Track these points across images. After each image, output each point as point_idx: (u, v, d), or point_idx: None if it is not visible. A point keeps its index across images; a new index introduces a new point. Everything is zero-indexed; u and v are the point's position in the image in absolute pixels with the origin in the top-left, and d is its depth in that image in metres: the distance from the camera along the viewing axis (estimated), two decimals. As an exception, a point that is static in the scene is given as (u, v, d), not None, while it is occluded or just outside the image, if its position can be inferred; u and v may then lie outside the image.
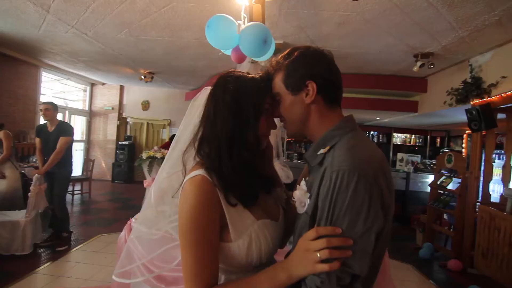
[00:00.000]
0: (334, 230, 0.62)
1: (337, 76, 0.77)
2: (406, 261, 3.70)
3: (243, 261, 0.75)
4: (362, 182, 0.61)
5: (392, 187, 0.69)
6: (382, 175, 0.65)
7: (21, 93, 5.64)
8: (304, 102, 0.74)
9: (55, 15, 3.42)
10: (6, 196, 3.42)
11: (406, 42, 3.52)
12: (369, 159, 0.66)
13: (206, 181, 0.72)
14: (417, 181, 5.49)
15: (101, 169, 8.07)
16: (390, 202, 0.67)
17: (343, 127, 0.74)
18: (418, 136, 8.11)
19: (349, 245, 0.61)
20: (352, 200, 0.61)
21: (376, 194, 0.62)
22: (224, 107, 0.76)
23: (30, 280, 2.70)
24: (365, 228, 0.61)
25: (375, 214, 0.62)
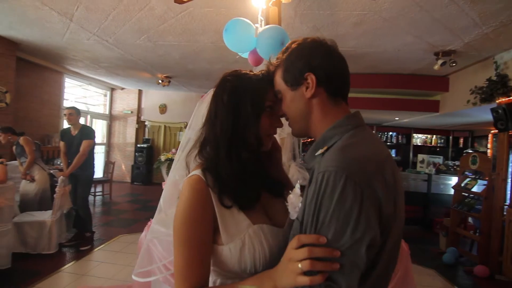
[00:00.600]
0: (318, 239, 0.54)
1: (340, 66, 0.70)
2: (429, 266, 3.58)
3: (235, 267, 0.71)
4: (350, 185, 0.53)
5: (397, 193, 0.60)
6: (380, 178, 0.57)
7: (46, 99, 5.91)
8: (304, 96, 0.68)
9: (78, 23, 3.57)
10: (36, 197, 3.59)
11: (426, 40, 3.42)
12: (363, 158, 0.58)
13: (200, 181, 0.71)
14: (439, 183, 5.31)
15: (121, 171, 8.30)
16: (392, 211, 0.58)
17: (344, 125, 0.66)
18: (439, 136, 7.82)
19: (335, 257, 0.53)
20: (338, 205, 0.53)
21: (368, 200, 0.54)
22: (223, 107, 0.75)
23: (56, 278, 2.81)
24: (354, 239, 0.53)
25: (367, 223, 0.53)
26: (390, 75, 4.87)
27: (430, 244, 4.43)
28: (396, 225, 0.60)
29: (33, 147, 3.62)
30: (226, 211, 0.72)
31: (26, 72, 5.30)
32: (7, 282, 2.64)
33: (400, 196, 0.61)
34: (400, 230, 0.63)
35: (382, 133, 7.95)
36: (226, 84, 0.77)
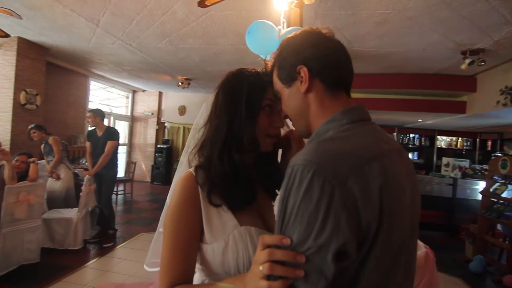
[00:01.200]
0: (281, 240, 0.49)
1: (335, 54, 0.63)
2: (455, 274, 3.44)
3: (219, 268, 0.69)
4: (318, 181, 0.47)
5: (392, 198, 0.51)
6: (360, 177, 0.48)
7: (72, 101, 6.18)
8: (300, 92, 0.63)
9: (103, 28, 3.71)
10: (62, 194, 3.75)
11: (452, 38, 3.29)
12: (340, 153, 0.51)
13: (190, 178, 0.71)
14: (466, 188, 5.08)
15: (141, 171, 8.53)
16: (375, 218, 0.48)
17: (339, 119, 0.59)
18: (465, 139, 7.49)
19: (300, 263, 0.47)
20: (303, 204, 0.47)
21: (340, 201, 0.46)
22: (220, 105, 0.74)
23: (82, 273, 2.93)
24: (320, 243, 0.46)
25: (335, 227, 0.46)
26: (413, 75, 4.72)
27: (455, 251, 4.25)
28: (390, 236, 0.50)
29: (61, 147, 3.78)
30: (213, 209, 0.70)
31: (54, 76, 5.56)
32: (37, 276, 2.78)
33: (396, 201, 0.52)
34: (400, 243, 0.53)
35: (404, 135, 7.71)
36: (224, 83, 0.76)
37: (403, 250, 0.55)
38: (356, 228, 0.47)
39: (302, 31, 0.67)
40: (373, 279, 0.50)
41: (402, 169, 0.57)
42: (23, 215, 2.77)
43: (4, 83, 4.29)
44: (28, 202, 2.79)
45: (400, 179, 0.55)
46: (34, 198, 2.85)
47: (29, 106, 4.46)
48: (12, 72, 4.27)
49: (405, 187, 0.56)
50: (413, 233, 0.60)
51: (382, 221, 0.49)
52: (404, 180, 0.56)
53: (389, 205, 0.50)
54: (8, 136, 4.23)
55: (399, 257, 0.54)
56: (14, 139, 4.27)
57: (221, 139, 0.72)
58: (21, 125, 4.39)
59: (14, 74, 4.26)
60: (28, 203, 2.79)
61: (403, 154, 0.61)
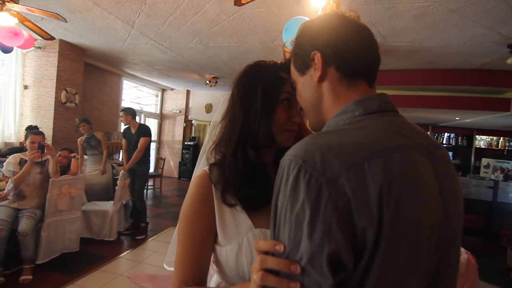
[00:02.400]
0: (274, 246, 0.43)
1: (355, 39, 0.56)
2: (495, 283, 3.23)
3: (233, 272, 0.65)
4: (304, 177, 0.41)
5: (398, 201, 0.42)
6: (356, 175, 0.41)
7: (106, 99, 6.48)
8: (313, 80, 0.57)
9: (138, 29, 3.84)
10: (105, 187, 3.98)
11: (498, 30, 3.05)
12: (333, 146, 0.44)
13: (204, 176, 0.69)
14: (508, 191, 4.74)
15: (169, 167, 8.79)
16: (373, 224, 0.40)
17: (351, 111, 0.52)
18: (507, 138, 6.96)
19: (295, 274, 0.41)
20: (289, 203, 0.42)
21: (330, 202, 0.40)
22: (236, 99, 0.70)
23: (117, 263, 3.07)
24: (311, 251, 0.40)
25: (327, 230, 0.39)
26: (452, 71, 4.45)
27: (495, 259, 3.98)
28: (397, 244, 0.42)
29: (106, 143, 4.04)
30: (227, 209, 0.67)
31: (90, 75, 5.86)
32: (77, 264, 2.95)
33: (406, 204, 0.43)
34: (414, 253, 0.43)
35: (438, 134, 7.31)
36: (241, 76, 0.73)
37: (420, 266, 0.44)
38: (349, 234, 0.40)
39: (322, 15, 0.61)
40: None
41: (425, 170, 0.47)
42: (65, 207, 2.95)
43: (47, 83, 4.59)
44: (69, 194, 2.97)
45: (418, 180, 0.46)
46: (75, 191, 3.02)
47: (69, 105, 4.74)
48: (54, 73, 4.55)
49: (428, 190, 0.46)
50: (450, 247, 0.50)
51: (382, 228, 0.41)
52: (425, 184, 0.46)
53: (393, 209, 0.41)
54: (51, 132, 4.52)
55: (413, 273, 0.44)
56: (55, 135, 4.56)
57: (236, 135, 0.69)
58: (62, 122, 4.68)
59: (56, 75, 4.54)
60: (69, 195, 2.97)
61: (435, 153, 0.51)
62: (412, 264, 0.43)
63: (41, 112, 4.63)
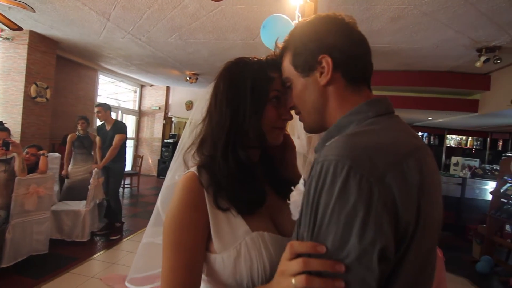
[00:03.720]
0: (315, 248, 0.43)
1: (360, 47, 0.58)
2: (462, 274, 3.40)
3: (230, 279, 0.61)
4: (355, 178, 0.42)
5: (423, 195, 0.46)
6: (398, 174, 0.44)
7: (81, 95, 6.22)
8: (319, 83, 0.57)
9: (114, 22, 3.70)
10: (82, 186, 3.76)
11: (468, 35, 3.21)
12: (375, 147, 0.46)
13: (193, 179, 0.63)
14: (475, 188, 5.00)
15: (148, 165, 8.58)
16: (413, 217, 0.45)
17: (363, 111, 0.54)
18: (476, 138, 7.36)
19: (339, 272, 0.42)
20: (339, 203, 0.42)
21: (381, 200, 0.42)
22: (221, 99, 0.66)
23: (89, 265, 2.96)
24: (362, 248, 0.41)
25: (378, 228, 0.41)
26: (425, 72, 4.63)
27: (462, 251, 4.20)
28: (423, 235, 0.46)
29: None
30: (222, 214, 0.62)
31: (64, 69, 5.60)
32: (45, 266, 2.81)
33: (429, 199, 0.48)
34: (430, 242, 0.49)
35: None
36: (225, 73, 0.69)
37: (433, 250, 0.51)
38: (394, 228, 0.43)
39: (323, 15, 0.59)
40: (405, 281, 0.46)
41: (434, 167, 0.53)
42: (33, 207, 2.79)
43: (15, 76, 4.33)
44: (37, 194, 2.81)
45: (434, 177, 0.51)
46: (43, 190, 2.87)
47: (39, 99, 4.50)
48: (23, 65, 4.30)
49: (438, 185, 0.52)
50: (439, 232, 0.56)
51: (419, 221, 0.45)
52: (436, 178, 0.52)
53: (425, 204, 0.46)
54: (19, 129, 4.28)
55: (429, 258, 0.50)
56: (24, 131, 4.32)
57: (224, 136, 0.64)
58: (31, 117, 4.44)
59: (25, 67, 4.29)
60: (37, 195, 2.82)
61: (430, 152, 0.56)
62: (431, 250, 0.50)
63: (8, 107, 4.36)
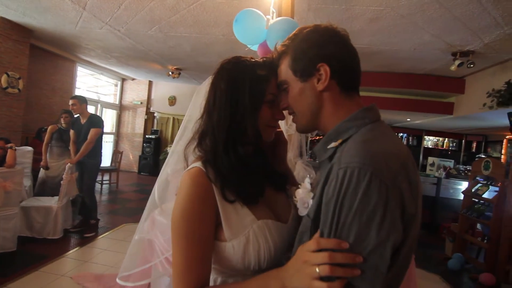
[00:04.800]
0: (340, 244, 0.51)
1: (354, 58, 0.65)
2: (434, 271, 3.51)
3: (239, 265, 0.67)
4: (376, 183, 0.49)
5: (418, 193, 0.56)
6: (405, 177, 0.53)
7: (58, 87, 5.98)
8: (315, 89, 0.63)
9: (90, 12, 3.57)
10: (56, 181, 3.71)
11: (444, 39, 3.30)
12: (388, 155, 0.53)
13: (201, 174, 0.68)
14: (449, 188, 5.18)
15: (129, 161, 8.39)
16: (414, 211, 0.54)
17: (362, 118, 0.61)
18: (451, 140, 7.64)
19: (358, 263, 0.50)
20: (362, 205, 0.50)
21: (394, 200, 0.50)
22: (221, 97, 0.71)
23: (60, 263, 2.85)
24: (378, 241, 0.49)
25: (392, 224, 0.50)
26: (404, 74, 4.76)
27: (436, 249, 4.34)
28: (415, 226, 0.55)
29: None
30: (229, 206, 0.68)
31: (39, 59, 5.36)
32: (13, 265, 2.70)
33: (420, 196, 0.58)
34: (417, 232, 0.58)
35: (392, 132, 7.81)
36: (224, 73, 0.73)
37: (415, 242, 0.59)
38: (404, 222, 0.52)
39: (324, 26, 0.65)
40: (398, 269, 0.54)
41: (416, 166, 0.61)
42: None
43: (-16, 64, 4.11)
44: (4, 189, 2.69)
45: (419, 177, 0.60)
46: (11, 185, 2.75)
47: (10, 90, 4.29)
48: (-8, 54, 4.09)
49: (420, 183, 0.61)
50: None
51: (416, 215, 0.54)
52: (419, 177, 0.61)
53: (418, 198, 0.56)
54: (-13, 120, 4.07)
55: (413, 249, 0.58)
56: (-7, 123, 4.12)
57: (225, 132, 0.69)
58: (2, 109, 4.23)
59: (-5, 56, 4.09)
60: (4, 189, 2.69)
61: None
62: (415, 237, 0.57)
63: (-24, 98, 4.14)
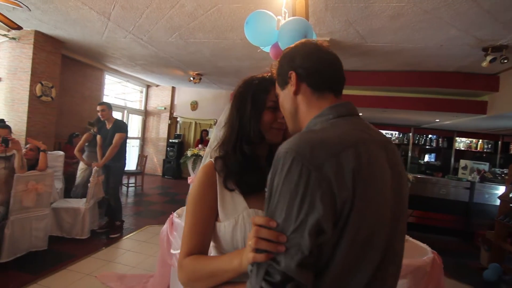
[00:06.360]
0: (268, 222, 0.57)
1: (320, 62, 0.73)
2: (467, 282, 3.28)
3: (229, 244, 0.79)
4: (297, 166, 0.54)
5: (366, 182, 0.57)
6: (335, 162, 0.55)
7: (87, 94, 6.32)
8: (291, 93, 0.74)
9: (115, 22, 3.74)
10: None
11: (472, 33, 3.10)
12: (317, 141, 0.58)
13: (210, 165, 0.85)
14: (484, 192, 4.84)
15: (153, 164, 8.66)
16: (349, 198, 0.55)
17: (327, 114, 0.68)
18: (486, 141, 7.12)
19: (282, 241, 0.54)
20: (284, 185, 0.55)
21: (316, 182, 0.53)
22: (233, 110, 0.88)
23: (87, 263, 2.98)
24: (300, 221, 0.53)
25: (311, 204, 0.53)
26: (430, 73, 4.51)
27: (470, 258, 4.06)
28: (362, 217, 0.56)
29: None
30: (228, 193, 0.82)
31: (70, 69, 5.70)
32: (44, 263, 2.85)
33: (370, 185, 0.58)
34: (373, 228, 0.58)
35: (420, 135, 7.42)
36: (236, 91, 0.91)
37: (381, 234, 0.59)
38: (330, 206, 0.54)
39: (299, 42, 0.78)
40: (348, 256, 0.56)
41: (382, 159, 0.63)
42: (31, 203, 2.84)
43: (22, 75, 4.43)
44: (36, 191, 2.86)
45: (377, 167, 0.61)
46: (42, 187, 2.92)
47: (44, 98, 4.59)
48: (28, 65, 4.39)
49: (384, 175, 0.62)
50: (399, 219, 0.65)
51: (354, 201, 0.55)
52: (382, 169, 0.62)
53: (362, 187, 0.56)
54: (24, 127, 4.37)
55: (374, 240, 0.58)
56: (29, 129, 4.41)
57: (234, 135, 0.86)
58: (37, 116, 4.53)
59: (31, 67, 4.39)
60: (36, 191, 2.86)
61: (388, 146, 0.68)
62: (376, 233, 0.59)
63: (14, 106, 4.46)
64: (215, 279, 0.74)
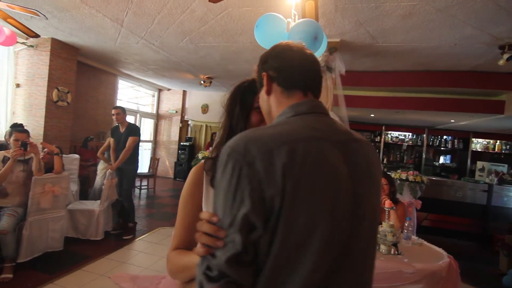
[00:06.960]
0: (211, 217, 0.58)
1: (289, 62, 0.74)
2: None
3: None
4: (231, 163, 0.56)
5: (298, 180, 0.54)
6: (267, 159, 0.55)
7: (101, 99, 6.48)
8: (264, 94, 0.76)
9: (127, 28, 3.83)
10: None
11: (488, 31, 3.01)
12: (254, 141, 0.57)
13: (199, 166, 0.91)
14: (503, 195, 4.69)
15: (165, 167, 8.77)
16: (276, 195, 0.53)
17: (287, 112, 0.69)
18: (504, 142, 6.88)
19: (220, 236, 0.55)
20: (222, 181, 0.57)
21: (246, 178, 0.54)
22: (225, 112, 0.93)
23: (101, 263, 3.04)
24: (232, 216, 0.54)
25: (241, 200, 0.54)
26: (444, 73, 4.41)
27: (488, 263, 3.93)
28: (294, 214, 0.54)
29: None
30: (212, 190, 0.82)
31: (85, 75, 5.86)
32: (60, 263, 2.93)
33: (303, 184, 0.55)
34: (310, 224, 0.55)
35: (435, 136, 7.24)
36: (229, 94, 0.95)
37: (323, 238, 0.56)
38: (259, 201, 0.53)
39: (272, 46, 0.79)
40: (282, 253, 0.54)
41: (333, 157, 0.60)
42: (48, 205, 2.92)
43: (39, 81, 4.58)
44: (53, 193, 2.94)
45: (322, 163, 0.58)
46: (58, 189, 3.00)
47: (60, 103, 4.73)
48: (46, 71, 4.54)
49: (332, 171, 0.59)
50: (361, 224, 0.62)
51: (284, 197, 0.54)
52: (331, 165, 0.59)
53: (293, 182, 0.54)
54: (41, 131, 4.51)
55: (312, 243, 0.55)
56: (46, 133, 4.55)
57: (225, 136, 0.90)
58: (53, 120, 4.67)
59: (48, 73, 4.54)
60: (53, 194, 2.95)
61: (350, 145, 0.65)
62: (311, 228, 0.55)
63: (32, 111, 4.62)
64: (189, 272, 0.78)
